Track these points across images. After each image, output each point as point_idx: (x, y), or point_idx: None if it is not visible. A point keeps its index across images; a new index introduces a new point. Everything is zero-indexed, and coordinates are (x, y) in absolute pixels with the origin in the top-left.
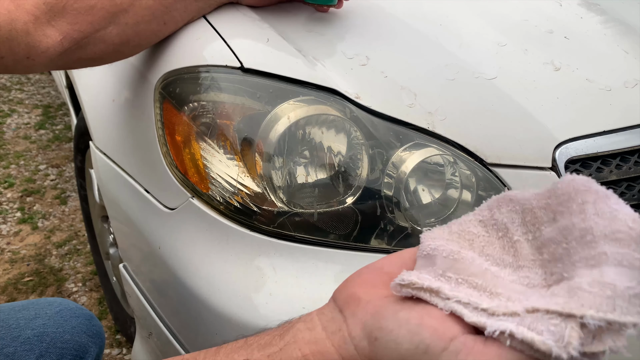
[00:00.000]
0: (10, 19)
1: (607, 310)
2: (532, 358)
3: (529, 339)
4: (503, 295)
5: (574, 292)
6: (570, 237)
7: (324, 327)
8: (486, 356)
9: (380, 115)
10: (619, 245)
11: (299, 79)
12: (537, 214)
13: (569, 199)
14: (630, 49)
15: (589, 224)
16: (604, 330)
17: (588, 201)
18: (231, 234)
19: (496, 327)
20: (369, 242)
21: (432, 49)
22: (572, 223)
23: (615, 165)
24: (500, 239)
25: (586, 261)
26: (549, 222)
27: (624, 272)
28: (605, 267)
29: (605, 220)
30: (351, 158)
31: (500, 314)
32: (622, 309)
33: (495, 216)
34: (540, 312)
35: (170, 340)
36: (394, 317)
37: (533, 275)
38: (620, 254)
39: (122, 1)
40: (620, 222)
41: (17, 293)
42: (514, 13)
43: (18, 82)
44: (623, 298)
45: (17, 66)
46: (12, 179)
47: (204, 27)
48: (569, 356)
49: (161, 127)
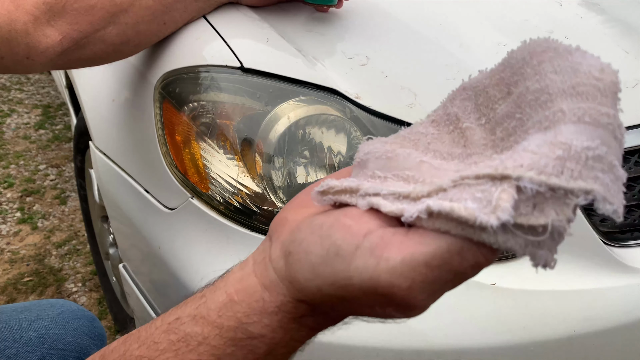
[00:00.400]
0: (10, 19)
1: (551, 173)
2: (462, 237)
3: (448, 210)
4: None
5: (516, 154)
6: (523, 104)
7: (254, 261)
8: (406, 247)
9: (380, 115)
10: (581, 100)
11: (299, 78)
12: (489, 92)
13: (524, 64)
14: (630, 49)
15: (545, 82)
16: (547, 199)
17: (544, 60)
18: (231, 234)
19: (415, 209)
20: None
21: (432, 49)
22: (526, 87)
23: None
24: (451, 132)
25: (540, 124)
26: (503, 98)
27: (585, 129)
28: (561, 125)
29: (564, 75)
30: (351, 158)
31: (424, 194)
32: (573, 173)
33: (448, 110)
34: (468, 180)
35: None
36: (308, 226)
37: (485, 160)
38: (581, 108)
39: (122, 1)
40: (583, 74)
41: (17, 293)
42: (514, 13)
43: (18, 82)
44: (577, 160)
45: (17, 66)
46: (11, 179)
47: (204, 27)
48: (499, 222)
49: (161, 127)
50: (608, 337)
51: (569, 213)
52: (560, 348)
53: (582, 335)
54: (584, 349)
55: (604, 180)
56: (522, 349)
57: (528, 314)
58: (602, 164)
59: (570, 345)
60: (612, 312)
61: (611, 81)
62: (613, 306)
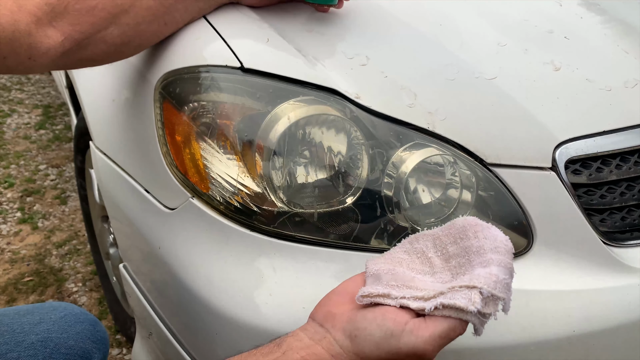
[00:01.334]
0: (14, 20)
1: (493, 288)
2: (457, 319)
3: (452, 304)
4: (429, 290)
5: (475, 277)
6: (470, 252)
7: (311, 338)
8: (430, 327)
9: (380, 115)
10: (499, 254)
11: (299, 79)
12: (442, 239)
13: (465, 229)
14: (630, 49)
15: (481, 243)
16: (490, 300)
17: (478, 230)
18: (231, 234)
19: (431, 304)
20: (369, 242)
21: (432, 49)
22: (471, 244)
23: (615, 165)
24: (419, 258)
25: (480, 264)
26: (452, 243)
27: (502, 270)
28: (492, 266)
29: (490, 240)
30: (351, 158)
31: (431, 296)
32: (500, 289)
33: (415, 245)
34: (455, 287)
35: (170, 341)
36: (364, 318)
37: (445, 276)
38: (500, 259)
39: (123, 2)
40: (499, 241)
41: (17, 293)
42: (514, 13)
43: (18, 82)
44: (500, 284)
45: (19, 67)
46: (12, 179)
47: (204, 27)
48: (475, 310)
49: (161, 127)
50: (608, 337)
51: (498, 308)
52: (560, 348)
53: (582, 335)
54: (584, 349)
55: (509, 293)
56: (522, 349)
57: (528, 314)
58: (509, 285)
59: (570, 345)
60: (612, 312)
61: (510, 246)
62: (613, 306)
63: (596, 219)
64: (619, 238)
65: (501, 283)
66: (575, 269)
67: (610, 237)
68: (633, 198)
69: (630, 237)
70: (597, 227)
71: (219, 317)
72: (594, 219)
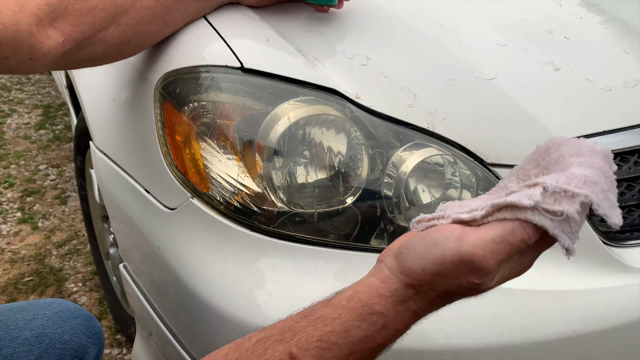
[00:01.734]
0: (16, 20)
1: (564, 183)
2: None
3: (505, 202)
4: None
5: (540, 177)
6: (549, 165)
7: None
8: (480, 231)
9: (380, 115)
10: (582, 157)
11: (299, 79)
12: (525, 167)
13: (548, 148)
14: (630, 49)
15: (561, 152)
16: (562, 197)
17: (561, 143)
18: (231, 234)
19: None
20: (369, 242)
21: (432, 49)
22: (551, 158)
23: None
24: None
25: (558, 168)
26: (534, 167)
27: (584, 168)
28: (570, 169)
29: (572, 148)
30: (351, 158)
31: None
32: (576, 185)
33: (499, 184)
34: (514, 189)
35: (170, 340)
36: (412, 237)
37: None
38: (582, 160)
39: (123, 2)
40: (583, 147)
41: (17, 293)
42: (514, 13)
43: (18, 82)
44: (578, 179)
45: (20, 67)
46: (12, 179)
47: (204, 27)
48: (533, 202)
49: (161, 127)
50: (608, 337)
51: (576, 207)
52: (560, 348)
53: (582, 335)
54: (584, 349)
55: (598, 194)
56: (522, 349)
57: (528, 314)
58: (597, 186)
59: (570, 345)
60: (612, 312)
61: (602, 147)
62: (613, 306)
63: (596, 219)
64: (619, 238)
65: (579, 178)
66: (575, 269)
67: (610, 237)
68: (633, 198)
69: (630, 237)
70: (597, 227)
71: (219, 317)
72: (594, 218)
